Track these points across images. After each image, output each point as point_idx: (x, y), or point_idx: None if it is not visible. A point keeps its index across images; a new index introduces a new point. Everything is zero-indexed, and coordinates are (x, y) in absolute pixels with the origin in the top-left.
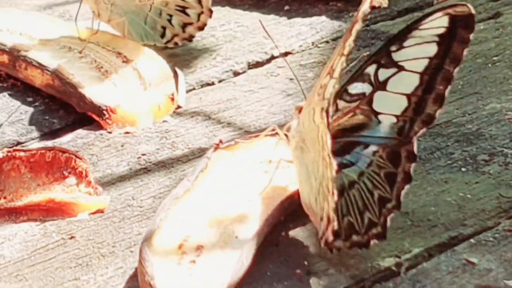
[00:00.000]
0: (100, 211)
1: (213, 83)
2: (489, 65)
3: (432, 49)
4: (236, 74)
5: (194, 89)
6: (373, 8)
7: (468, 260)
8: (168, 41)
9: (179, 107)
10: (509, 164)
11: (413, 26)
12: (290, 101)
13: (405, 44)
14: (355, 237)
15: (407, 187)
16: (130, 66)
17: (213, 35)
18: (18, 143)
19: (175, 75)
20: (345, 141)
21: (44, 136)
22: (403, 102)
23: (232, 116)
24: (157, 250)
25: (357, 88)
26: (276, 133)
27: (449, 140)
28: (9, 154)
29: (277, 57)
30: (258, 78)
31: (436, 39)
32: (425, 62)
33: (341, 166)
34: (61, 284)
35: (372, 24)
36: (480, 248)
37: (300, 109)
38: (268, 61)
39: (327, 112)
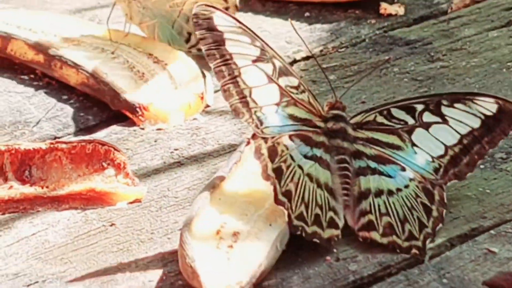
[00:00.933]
0: (138, 200)
1: None
2: (504, 70)
3: (476, 123)
4: None
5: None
6: (390, 15)
7: (489, 249)
8: (192, 46)
9: (208, 106)
10: None
11: (468, 95)
12: None
13: (455, 105)
14: (395, 238)
15: (440, 225)
16: (161, 66)
17: None
18: (56, 138)
19: (203, 76)
20: (381, 152)
21: (80, 131)
22: (440, 150)
23: None
24: (196, 235)
25: (400, 114)
26: None
27: None
28: (52, 146)
29: (299, 60)
30: None
31: (482, 117)
32: (468, 129)
33: (377, 172)
34: (104, 267)
35: (390, 31)
36: (500, 239)
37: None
38: (291, 64)
39: None
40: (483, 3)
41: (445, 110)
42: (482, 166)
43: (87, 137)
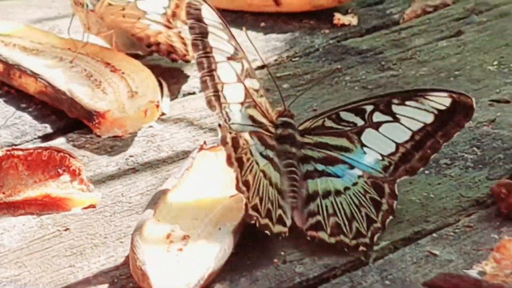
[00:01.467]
0: (92, 206)
1: (194, 93)
2: (451, 78)
3: (429, 118)
4: None
5: (177, 97)
6: (343, 25)
7: (430, 252)
8: (153, 50)
9: (163, 114)
10: (469, 168)
11: (419, 92)
12: None
13: (407, 103)
14: (343, 237)
15: (390, 217)
16: (118, 75)
17: None
18: (14, 145)
19: (160, 84)
20: (329, 155)
21: (38, 139)
22: (391, 148)
23: (213, 122)
24: (147, 239)
25: (349, 116)
26: None
27: None
28: (8, 153)
29: (255, 69)
30: None
31: (435, 112)
32: (420, 125)
33: (325, 174)
34: (57, 271)
35: (343, 41)
36: (442, 242)
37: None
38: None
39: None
40: (434, 13)
41: (396, 108)
42: (427, 172)
43: (44, 145)
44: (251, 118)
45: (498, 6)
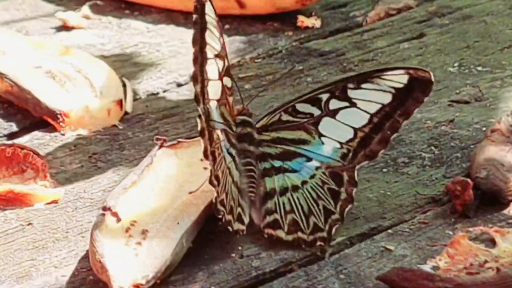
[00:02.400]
0: (55, 202)
1: (158, 93)
2: None
3: (387, 98)
4: (179, 85)
5: (140, 98)
6: (306, 28)
7: (385, 247)
8: None
9: (126, 113)
10: (426, 166)
11: (374, 73)
12: None
13: (363, 86)
14: (300, 234)
15: (350, 206)
16: (82, 75)
17: (159, 50)
18: None
19: (123, 84)
20: (286, 149)
21: (3, 137)
22: (349, 134)
23: (175, 122)
24: (107, 233)
25: (305, 108)
26: None
27: None
28: None
29: None
30: None
31: (393, 91)
32: (378, 106)
33: (283, 170)
34: (19, 264)
35: (306, 42)
36: (397, 238)
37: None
38: None
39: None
40: (397, 16)
41: (351, 93)
42: (384, 170)
43: (9, 142)
44: (222, 116)
45: (461, 9)
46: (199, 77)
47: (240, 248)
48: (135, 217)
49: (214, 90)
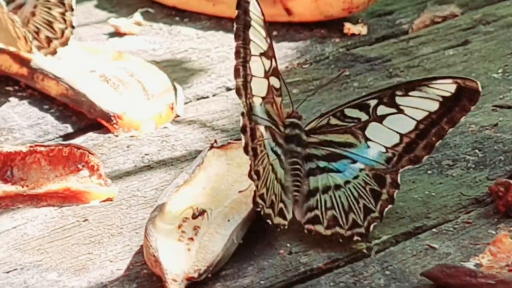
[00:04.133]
0: (110, 199)
1: (207, 97)
2: None
3: (434, 106)
4: (228, 89)
5: (190, 101)
6: (353, 35)
7: (430, 245)
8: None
9: (177, 116)
10: (470, 169)
11: (423, 82)
12: None
13: (410, 93)
14: (338, 229)
15: (390, 206)
16: (135, 79)
17: (208, 55)
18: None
19: (174, 88)
20: (332, 152)
21: (59, 138)
22: (395, 139)
23: (224, 125)
24: (160, 229)
25: (353, 112)
26: None
27: None
28: (31, 149)
29: None
30: None
31: (440, 99)
32: (425, 113)
33: (327, 170)
34: (76, 257)
35: (352, 49)
36: (441, 236)
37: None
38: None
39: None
40: (442, 24)
41: (399, 100)
42: (429, 172)
43: (65, 142)
44: (268, 113)
45: (505, 17)
46: (241, 71)
47: (288, 245)
48: (187, 214)
49: (258, 87)
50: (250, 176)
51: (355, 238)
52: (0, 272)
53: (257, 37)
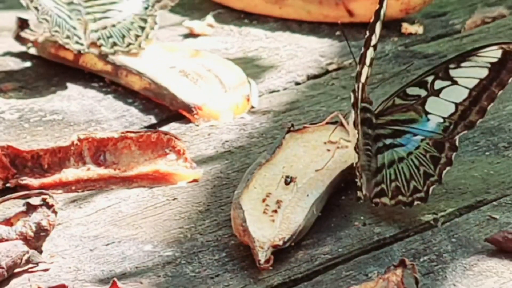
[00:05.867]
0: (195, 180)
1: (278, 90)
2: None
3: (484, 73)
4: (297, 84)
5: (263, 94)
6: (410, 34)
7: (491, 216)
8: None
9: (252, 107)
10: None
11: (472, 52)
12: (344, 103)
13: (462, 64)
14: (401, 197)
15: (448, 168)
16: (212, 74)
17: (277, 53)
18: None
19: (248, 82)
20: (397, 129)
21: (143, 129)
22: (451, 108)
23: (296, 114)
24: (246, 203)
25: (414, 91)
26: (337, 121)
27: (476, 132)
28: (123, 135)
29: (331, 71)
30: (316, 86)
31: (489, 65)
32: (476, 81)
33: (392, 146)
34: (169, 231)
35: (410, 46)
36: (501, 208)
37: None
38: (324, 74)
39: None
40: (492, 23)
41: (452, 72)
42: (487, 153)
43: (152, 130)
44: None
45: None
46: (363, 58)
47: (362, 218)
48: (270, 189)
49: (364, 74)
50: (355, 148)
51: (416, 203)
52: (99, 245)
53: (377, 30)
